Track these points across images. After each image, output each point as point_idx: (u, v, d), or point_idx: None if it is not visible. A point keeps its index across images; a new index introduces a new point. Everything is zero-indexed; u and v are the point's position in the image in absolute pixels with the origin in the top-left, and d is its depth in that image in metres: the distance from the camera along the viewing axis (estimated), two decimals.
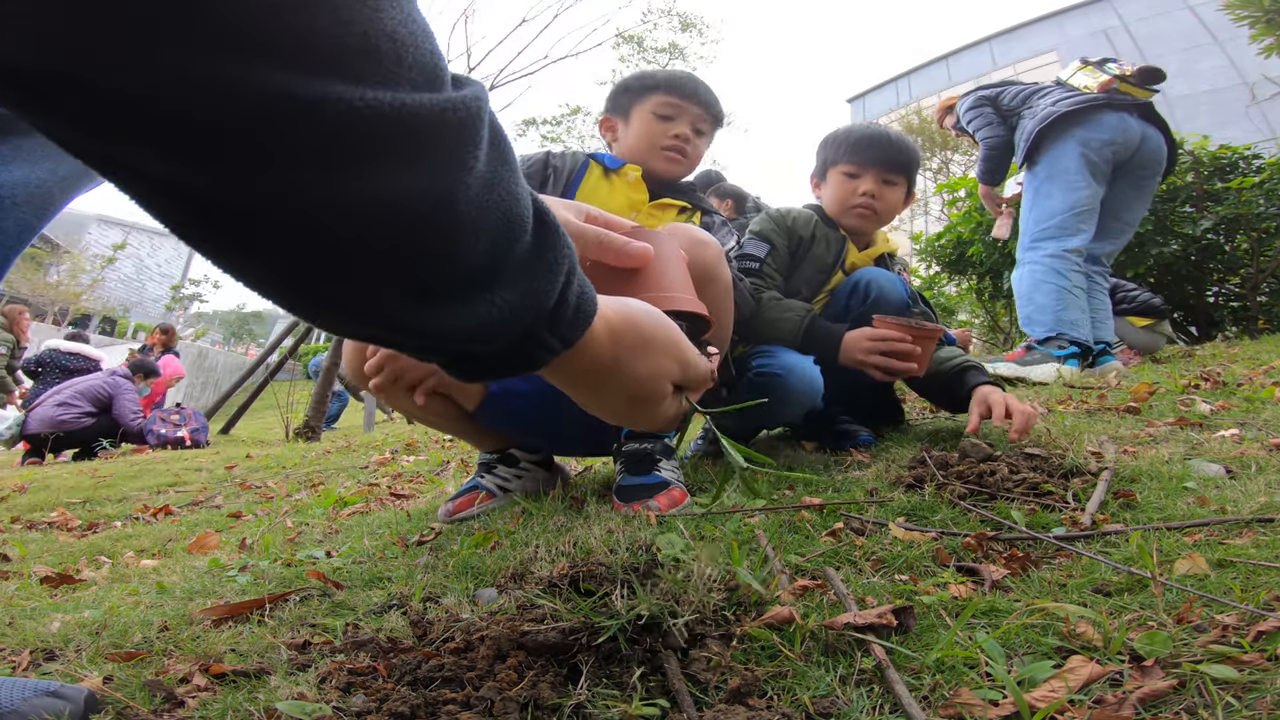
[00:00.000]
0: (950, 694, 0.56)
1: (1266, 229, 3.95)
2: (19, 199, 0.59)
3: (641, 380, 0.55)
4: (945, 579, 0.80)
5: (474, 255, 0.38)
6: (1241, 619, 0.62)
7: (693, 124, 1.61)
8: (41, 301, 23.92)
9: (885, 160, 1.80)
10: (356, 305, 0.37)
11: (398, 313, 0.38)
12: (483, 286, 0.40)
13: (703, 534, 1.02)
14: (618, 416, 0.58)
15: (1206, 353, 3.02)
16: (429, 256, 0.36)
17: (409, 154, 0.32)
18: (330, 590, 1.00)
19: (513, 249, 0.40)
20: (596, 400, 0.56)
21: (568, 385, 0.54)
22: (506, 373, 0.47)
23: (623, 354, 0.53)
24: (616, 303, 0.54)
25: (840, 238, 1.83)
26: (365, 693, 0.64)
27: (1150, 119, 2.95)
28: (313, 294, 0.37)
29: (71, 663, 0.81)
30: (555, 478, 1.56)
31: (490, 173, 0.38)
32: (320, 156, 0.30)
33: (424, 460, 2.97)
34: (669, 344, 0.56)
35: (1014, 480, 1.13)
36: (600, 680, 0.63)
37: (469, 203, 0.36)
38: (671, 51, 13.52)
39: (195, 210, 0.32)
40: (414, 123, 0.32)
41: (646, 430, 0.62)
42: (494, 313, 0.41)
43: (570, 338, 0.47)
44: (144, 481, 3.12)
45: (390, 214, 0.34)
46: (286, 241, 0.33)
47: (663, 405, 0.58)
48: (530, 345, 0.45)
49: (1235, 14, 5.77)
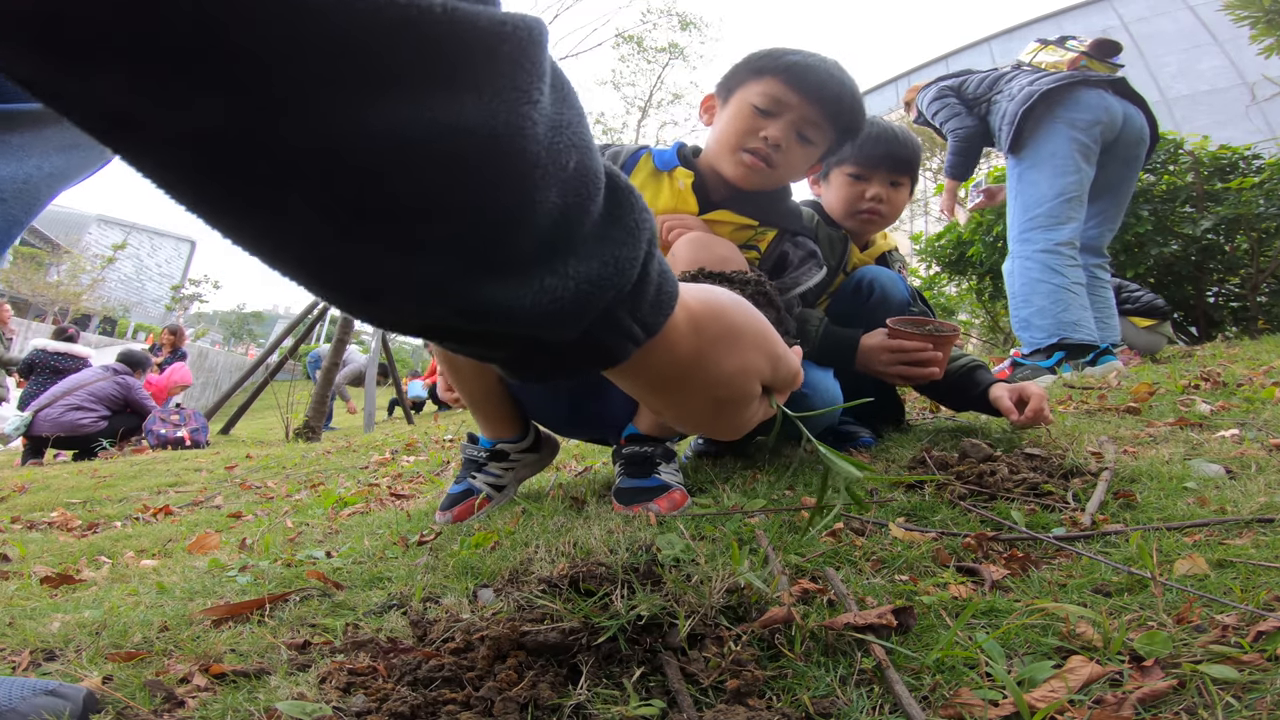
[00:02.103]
0: (950, 694, 0.56)
1: (1266, 229, 3.95)
2: (6, 194, 0.59)
3: (729, 378, 0.47)
4: (945, 579, 0.80)
5: (544, 212, 0.32)
6: (1241, 619, 0.62)
7: (796, 126, 1.29)
8: (41, 301, 23.92)
9: (893, 161, 1.72)
10: (408, 280, 0.31)
11: (458, 288, 0.32)
12: (554, 253, 0.34)
13: (703, 534, 1.02)
14: (698, 423, 0.50)
15: (1206, 353, 3.01)
16: (493, 209, 0.30)
17: (464, 72, 0.27)
18: (330, 590, 1.00)
19: (586, 209, 0.34)
20: (675, 404, 0.48)
21: (644, 388, 0.46)
22: (577, 369, 0.40)
23: (707, 347, 0.45)
24: (696, 288, 0.46)
25: (842, 237, 1.80)
26: (365, 693, 0.64)
27: (1127, 95, 2.93)
28: (356, 268, 0.30)
29: (71, 663, 0.81)
30: (545, 457, 1.54)
31: (556, 114, 0.32)
32: (359, 69, 0.25)
33: (424, 460, 2.97)
34: (759, 336, 0.49)
35: (1014, 480, 1.13)
36: (600, 680, 0.63)
37: (536, 143, 0.30)
38: (671, 51, 13.53)
39: (216, 162, 0.26)
40: (469, 32, 0.27)
41: (726, 440, 0.53)
42: (568, 287, 0.34)
43: (654, 323, 0.40)
44: (144, 481, 3.12)
45: (446, 150, 0.28)
46: (321, 191, 0.27)
47: (751, 408, 0.50)
48: (608, 332, 0.38)
49: (1235, 14, 5.77)
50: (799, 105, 1.27)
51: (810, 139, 1.31)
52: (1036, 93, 2.83)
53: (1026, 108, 2.83)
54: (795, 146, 1.30)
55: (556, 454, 1.60)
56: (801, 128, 1.30)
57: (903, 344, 1.52)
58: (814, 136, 1.31)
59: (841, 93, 1.29)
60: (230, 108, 0.24)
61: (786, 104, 1.27)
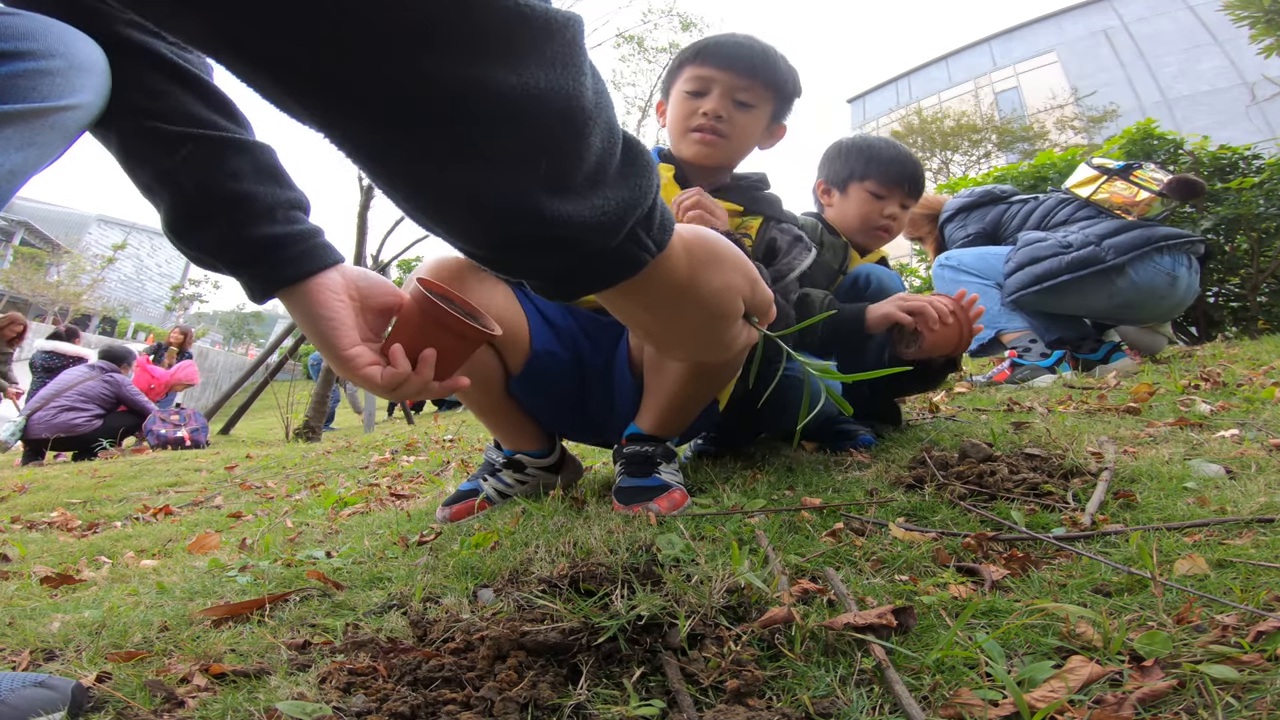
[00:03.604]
0: (950, 694, 0.56)
1: (1266, 229, 3.95)
2: None
3: (717, 294, 0.58)
4: (945, 579, 0.80)
5: (592, 152, 0.44)
6: (1241, 619, 0.62)
7: (730, 95, 1.38)
8: (41, 301, 23.93)
9: (911, 183, 1.80)
10: (505, 193, 0.42)
11: (539, 203, 0.43)
12: (598, 182, 0.46)
13: (703, 534, 1.02)
14: (696, 340, 0.60)
15: (1206, 353, 3.01)
16: (564, 148, 0.42)
17: (546, 52, 0.39)
18: (330, 590, 1.00)
19: (615, 152, 0.46)
20: (676, 322, 0.58)
21: (647, 306, 0.57)
22: (611, 277, 0.51)
23: (698, 267, 0.56)
24: (686, 225, 0.58)
25: (843, 245, 1.86)
26: (365, 693, 0.64)
27: (1206, 258, 2.57)
28: (470, 183, 0.42)
29: (71, 663, 0.81)
30: (566, 479, 1.54)
31: (595, 83, 0.43)
32: (490, 44, 0.36)
33: (424, 460, 2.97)
34: (737, 259, 0.59)
35: (1014, 480, 1.13)
36: (600, 680, 0.63)
37: (589, 102, 0.42)
38: (672, 51, 13.53)
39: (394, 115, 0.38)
40: (546, 24, 0.38)
41: (715, 359, 0.66)
42: (609, 207, 0.46)
43: (661, 239, 0.52)
44: (144, 482, 3.12)
45: (541, 105, 0.39)
46: (456, 127, 0.38)
47: (735, 326, 0.61)
48: (633, 244, 0.50)
49: (1235, 14, 5.78)
50: (722, 77, 1.38)
51: (747, 102, 1.41)
52: (1104, 261, 2.48)
53: (1080, 275, 2.50)
54: (737, 114, 1.40)
55: (580, 477, 1.59)
56: (734, 94, 1.39)
57: (911, 299, 1.53)
58: (750, 99, 1.41)
59: (753, 54, 1.39)
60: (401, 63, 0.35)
61: (711, 79, 1.39)
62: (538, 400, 1.43)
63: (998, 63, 25.77)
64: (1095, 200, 2.75)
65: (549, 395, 1.41)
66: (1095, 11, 22.80)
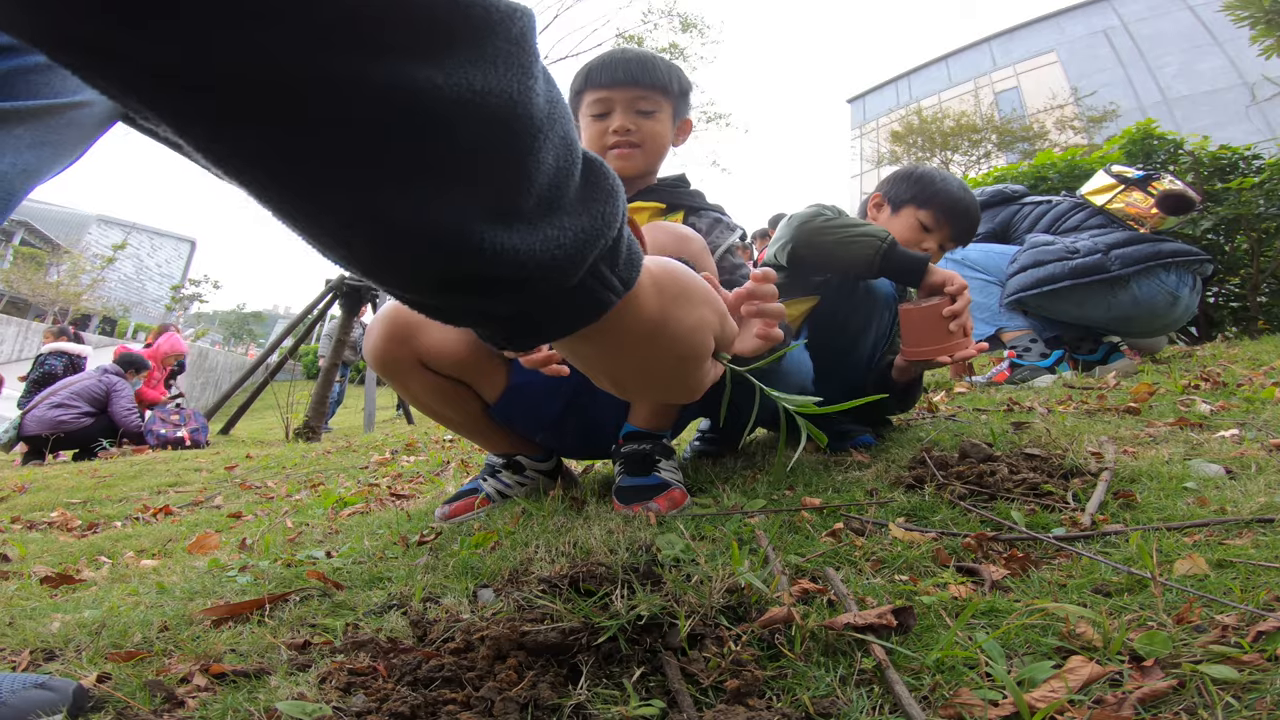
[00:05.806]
0: (950, 694, 0.56)
1: (1266, 229, 3.95)
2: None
3: (690, 333, 0.52)
4: (945, 579, 0.80)
5: (544, 172, 0.37)
6: (1241, 619, 0.62)
7: (631, 107, 1.44)
8: (42, 301, 23.93)
9: (962, 230, 1.76)
10: (433, 221, 0.35)
11: (477, 233, 0.36)
12: (553, 208, 0.39)
13: (703, 534, 1.02)
14: (667, 384, 0.54)
15: (1206, 353, 3.01)
16: (508, 165, 0.35)
17: (486, 48, 0.33)
18: (330, 590, 1.00)
19: (572, 172, 0.40)
20: (646, 366, 0.52)
21: (616, 350, 0.50)
22: (571, 322, 0.45)
23: (668, 305, 0.50)
24: (652, 257, 0.51)
25: None
26: (365, 693, 0.64)
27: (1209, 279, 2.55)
28: (390, 212, 0.34)
29: (71, 663, 0.81)
30: (558, 484, 1.56)
31: (548, 90, 0.37)
32: (414, 38, 0.30)
33: (424, 460, 2.97)
34: (706, 294, 0.54)
35: (1014, 480, 1.13)
36: (600, 680, 0.63)
37: (539, 110, 0.36)
38: (672, 52, 13.54)
39: (271, 104, 0.29)
40: (486, 15, 0.33)
41: (684, 401, 0.58)
42: (565, 238, 0.39)
43: (629, 276, 0.45)
44: (144, 481, 3.12)
45: (476, 110, 0.33)
46: (369, 139, 0.31)
47: (705, 364, 0.55)
48: (595, 284, 0.43)
49: (1235, 14, 5.77)
50: (615, 94, 1.44)
51: (647, 109, 1.46)
52: (1108, 271, 2.50)
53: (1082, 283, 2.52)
54: (643, 122, 1.46)
55: (573, 487, 1.60)
56: (635, 106, 1.44)
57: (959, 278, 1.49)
58: (649, 106, 1.46)
59: (630, 64, 1.44)
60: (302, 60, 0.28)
61: (609, 99, 1.45)
62: (521, 423, 1.46)
63: (998, 62, 25.78)
64: (1109, 209, 2.74)
65: (534, 418, 1.44)
66: (1095, 11, 22.80)
